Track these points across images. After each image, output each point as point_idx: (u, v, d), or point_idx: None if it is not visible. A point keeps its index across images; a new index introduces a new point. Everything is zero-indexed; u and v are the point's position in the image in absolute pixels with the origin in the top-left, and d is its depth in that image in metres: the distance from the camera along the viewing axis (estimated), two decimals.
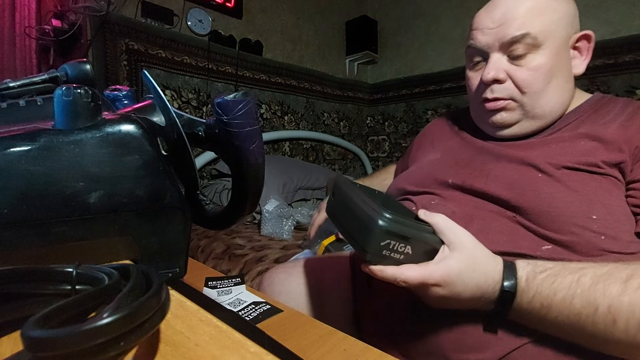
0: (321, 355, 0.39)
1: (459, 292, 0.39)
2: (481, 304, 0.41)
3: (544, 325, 0.39)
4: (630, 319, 0.34)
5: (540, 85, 0.51)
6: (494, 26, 0.52)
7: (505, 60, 0.52)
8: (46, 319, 0.15)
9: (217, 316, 0.22)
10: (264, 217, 1.39)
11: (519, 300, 0.39)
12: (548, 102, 0.52)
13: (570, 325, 0.37)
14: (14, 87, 0.33)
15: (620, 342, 0.35)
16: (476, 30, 0.55)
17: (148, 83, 0.33)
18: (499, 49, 0.52)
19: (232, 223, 0.38)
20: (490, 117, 0.55)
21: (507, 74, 0.52)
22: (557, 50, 0.51)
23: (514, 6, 0.51)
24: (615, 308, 0.34)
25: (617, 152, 0.46)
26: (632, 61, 1.67)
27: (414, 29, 2.49)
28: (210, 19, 1.86)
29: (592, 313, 0.35)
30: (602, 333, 0.35)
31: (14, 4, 1.54)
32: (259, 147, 0.33)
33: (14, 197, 0.24)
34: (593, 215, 0.43)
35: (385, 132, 2.71)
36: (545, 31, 0.50)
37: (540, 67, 0.51)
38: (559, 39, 0.51)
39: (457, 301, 0.40)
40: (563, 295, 0.37)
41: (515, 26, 0.50)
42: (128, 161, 0.27)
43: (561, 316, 0.37)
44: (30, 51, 1.60)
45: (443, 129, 0.71)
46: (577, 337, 0.38)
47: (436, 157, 0.63)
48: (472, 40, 0.55)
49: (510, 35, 0.50)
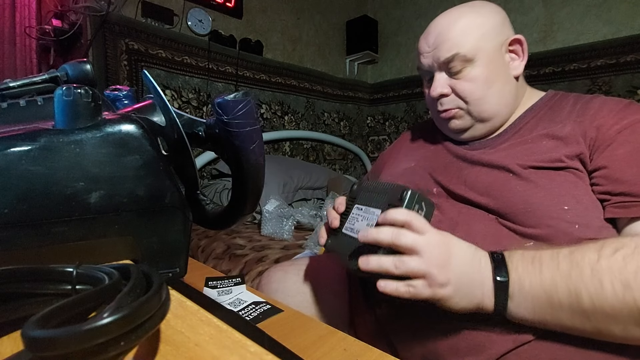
0: (321, 355, 0.39)
1: (450, 259, 0.40)
2: (476, 274, 0.40)
3: (544, 295, 0.39)
4: (614, 280, 0.36)
5: (480, 92, 0.57)
6: (430, 50, 0.59)
7: (446, 76, 0.59)
8: (46, 319, 0.15)
9: (217, 316, 0.22)
10: (264, 217, 1.39)
11: (510, 260, 0.41)
12: (492, 106, 0.58)
13: (568, 291, 0.38)
14: (14, 87, 0.33)
15: (615, 309, 0.36)
16: (419, 54, 0.62)
17: (148, 83, 0.33)
18: (438, 68, 0.59)
19: (232, 223, 0.38)
20: (447, 124, 0.61)
21: (451, 87, 0.59)
22: (490, 60, 0.57)
23: (442, 30, 0.58)
24: (597, 271, 0.37)
25: (575, 145, 0.49)
26: (633, 61, 1.67)
27: (415, 28, 2.49)
28: (210, 19, 1.86)
29: (579, 274, 0.38)
30: (597, 300, 0.36)
31: (14, 3, 1.54)
32: (259, 147, 0.33)
33: (15, 197, 0.24)
34: (565, 206, 0.46)
35: (386, 132, 2.71)
36: (473, 47, 0.56)
37: (476, 77, 0.57)
38: (489, 50, 0.57)
39: (454, 274, 0.40)
40: (549, 259, 0.40)
41: (446, 48, 0.57)
42: (128, 161, 0.27)
43: (554, 277, 0.38)
44: (31, 51, 1.60)
45: (413, 139, 0.74)
46: (578, 315, 0.38)
47: (410, 166, 0.65)
48: (418, 63, 0.63)
49: (443, 57, 0.57)
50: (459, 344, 0.45)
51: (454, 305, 0.40)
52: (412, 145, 0.73)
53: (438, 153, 0.64)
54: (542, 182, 0.48)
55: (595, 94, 0.61)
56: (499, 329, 0.43)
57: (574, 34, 1.83)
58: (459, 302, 0.40)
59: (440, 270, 0.38)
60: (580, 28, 1.83)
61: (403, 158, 0.70)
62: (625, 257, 0.37)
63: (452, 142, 0.64)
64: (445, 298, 0.39)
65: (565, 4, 1.86)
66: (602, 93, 1.75)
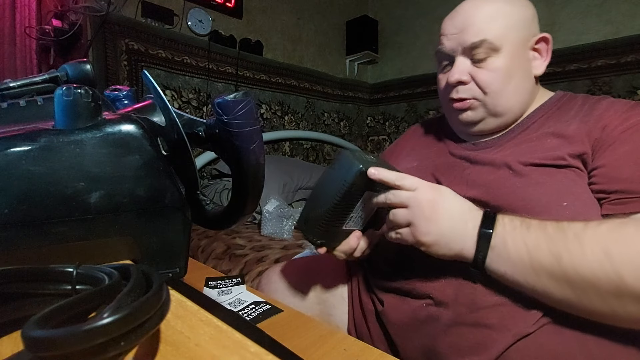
0: (321, 355, 0.39)
1: (436, 199, 0.44)
2: (460, 228, 0.44)
3: (526, 253, 0.40)
4: (595, 246, 0.38)
5: (500, 84, 0.55)
6: (456, 32, 0.57)
7: (468, 63, 0.57)
8: (46, 319, 0.15)
9: (218, 316, 0.22)
10: (264, 217, 1.39)
11: (500, 217, 0.43)
12: (508, 101, 0.56)
13: (549, 252, 0.39)
14: (15, 87, 0.33)
15: (595, 275, 0.37)
16: (442, 35, 0.59)
17: (148, 83, 0.33)
18: (462, 52, 0.57)
19: (232, 223, 0.38)
20: (458, 115, 0.60)
21: (470, 75, 0.57)
22: (515, 53, 0.55)
23: (472, 13, 0.56)
24: (580, 237, 0.39)
25: (579, 145, 0.49)
26: (634, 61, 1.67)
27: (415, 28, 2.49)
28: (210, 19, 1.86)
29: (563, 237, 0.39)
30: (578, 264, 0.38)
31: (14, 4, 1.54)
32: (259, 147, 0.33)
33: (15, 197, 0.24)
34: (564, 203, 0.46)
35: (386, 132, 2.71)
36: (501, 36, 0.54)
37: (499, 68, 0.55)
38: (515, 42, 0.55)
39: (438, 214, 0.44)
40: (538, 222, 0.42)
41: (473, 32, 0.55)
42: (128, 161, 0.27)
43: (539, 237, 0.40)
44: (31, 51, 1.60)
45: (417, 138, 0.73)
46: (559, 280, 0.39)
47: (413, 166, 0.65)
48: (440, 46, 0.60)
49: (469, 41, 0.55)
50: (459, 343, 0.45)
51: (435, 252, 0.45)
52: (416, 144, 0.72)
53: (441, 153, 0.64)
54: (541, 179, 0.49)
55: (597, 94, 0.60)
56: (499, 326, 0.43)
57: (574, 34, 1.83)
58: (438, 250, 0.44)
59: (425, 222, 0.44)
60: (581, 28, 1.82)
61: (405, 157, 0.69)
62: (610, 229, 0.39)
63: (456, 141, 0.64)
64: (426, 245, 0.44)
65: (566, 4, 1.86)
66: (603, 93, 1.75)
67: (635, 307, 0.36)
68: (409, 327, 0.50)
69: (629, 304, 0.36)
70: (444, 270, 0.49)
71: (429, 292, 0.49)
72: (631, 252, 0.36)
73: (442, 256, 0.45)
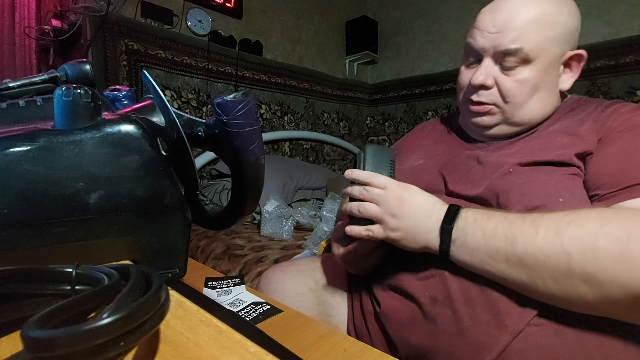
0: (321, 355, 0.39)
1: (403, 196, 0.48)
2: (424, 223, 0.47)
3: (483, 242, 0.43)
4: (548, 228, 0.39)
5: (524, 97, 0.54)
6: (494, 31, 0.53)
7: (496, 67, 0.54)
8: (46, 319, 0.15)
9: (217, 316, 0.22)
10: (263, 218, 1.39)
11: (463, 210, 0.46)
12: (528, 113, 0.55)
13: (505, 238, 0.41)
14: (14, 87, 0.33)
15: (545, 254, 0.39)
16: (477, 30, 0.56)
17: (148, 83, 0.33)
18: (492, 55, 0.54)
19: (232, 223, 0.38)
20: (473, 118, 0.59)
21: (495, 80, 0.55)
22: (547, 67, 0.53)
23: (515, 13, 0.52)
24: (536, 222, 0.41)
25: (588, 144, 0.50)
26: (632, 62, 1.67)
27: (414, 29, 2.49)
28: (210, 19, 1.86)
29: (521, 223, 0.41)
30: (529, 245, 0.40)
31: (13, 4, 1.54)
32: (258, 148, 0.33)
33: (14, 197, 0.24)
34: (560, 199, 0.47)
35: (386, 133, 2.71)
36: (538, 48, 0.51)
37: (526, 80, 0.53)
38: (550, 57, 0.53)
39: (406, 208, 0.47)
40: (500, 213, 0.45)
41: (510, 37, 0.51)
42: (128, 161, 0.27)
43: (497, 226, 0.42)
44: (30, 51, 1.60)
45: (425, 136, 0.73)
46: (513, 263, 0.41)
47: (419, 163, 0.65)
48: (472, 39, 0.57)
49: (504, 47, 0.52)
50: (459, 342, 0.45)
51: (404, 246, 0.48)
52: (424, 141, 0.72)
53: (450, 151, 0.63)
54: (540, 177, 0.49)
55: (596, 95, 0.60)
56: (496, 323, 0.44)
57: None
58: (408, 244, 0.48)
59: (392, 218, 0.47)
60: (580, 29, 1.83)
61: (412, 154, 0.69)
62: (567, 214, 0.40)
63: (466, 140, 0.63)
64: (396, 240, 0.48)
65: None
66: (601, 94, 1.75)
67: (586, 288, 0.37)
68: (408, 326, 0.50)
69: (580, 284, 0.37)
70: (439, 268, 0.49)
71: (426, 291, 0.49)
72: (581, 231, 0.38)
73: (411, 249, 0.48)
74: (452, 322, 0.46)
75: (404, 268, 0.53)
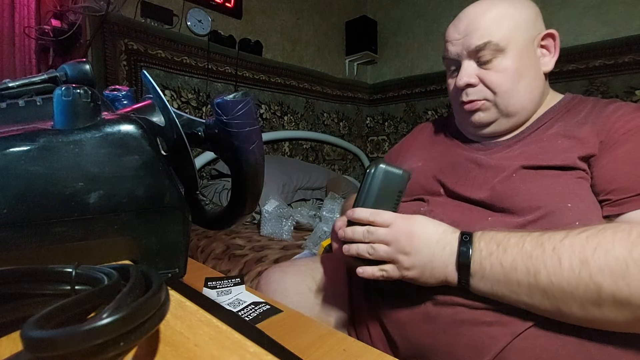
0: (321, 355, 0.39)
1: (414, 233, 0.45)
2: (438, 257, 0.44)
3: (503, 275, 0.41)
4: (572, 257, 0.37)
5: (510, 84, 0.55)
6: (460, 37, 0.57)
7: (475, 66, 0.57)
8: (46, 319, 0.15)
9: (217, 316, 0.22)
10: (263, 218, 1.39)
11: (476, 241, 0.43)
12: (519, 100, 0.56)
13: (526, 270, 0.40)
14: (14, 87, 0.33)
15: (572, 286, 0.37)
16: (447, 42, 0.60)
17: (147, 83, 0.33)
18: (467, 56, 0.57)
19: (231, 223, 0.38)
20: (469, 117, 0.60)
21: (478, 77, 0.57)
22: (522, 52, 0.55)
23: (475, 18, 0.56)
24: (558, 249, 0.39)
25: (590, 147, 0.50)
26: (631, 62, 1.67)
27: (414, 29, 2.49)
28: (209, 19, 1.86)
29: (541, 253, 0.39)
30: (554, 277, 0.38)
31: (13, 4, 1.54)
32: (258, 147, 0.33)
33: (14, 197, 0.24)
34: (568, 204, 0.46)
35: (385, 133, 2.71)
36: (506, 37, 0.54)
37: (507, 68, 0.55)
38: (521, 42, 0.55)
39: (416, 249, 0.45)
40: (516, 240, 0.42)
41: (477, 36, 0.55)
42: (127, 161, 0.27)
43: (515, 258, 0.40)
44: (30, 51, 1.60)
45: (425, 137, 0.74)
46: (537, 293, 0.39)
47: (418, 165, 0.65)
48: (445, 52, 0.61)
49: (474, 45, 0.55)
50: (459, 341, 0.46)
51: (423, 283, 0.46)
52: (423, 143, 0.72)
53: (447, 153, 0.64)
54: (546, 182, 0.49)
55: (594, 95, 0.61)
56: (497, 324, 0.44)
57: (572, 34, 1.84)
58: (427, 281, 0.45)
59: (405, 257, 0.45)
60: (578, 29, 1.83)
61: (411, 157, 0.70)
62: (589, 236, 0.38)
63: (464, 142, 0.64)
64: (413, 279, 0.46)
65: (563, 5, 1.87)
66: (600, 94, 1.75)
67: (615, 313, 0.36)
68: (408, 326, 0.50)
69: (609, 310, 0.36)
70: None
71: (427, 291, 0.49)
72: (608, 258, 0.36)
73: (432, 285, 0.46)
74: (451, 321, 0.46)
75: None
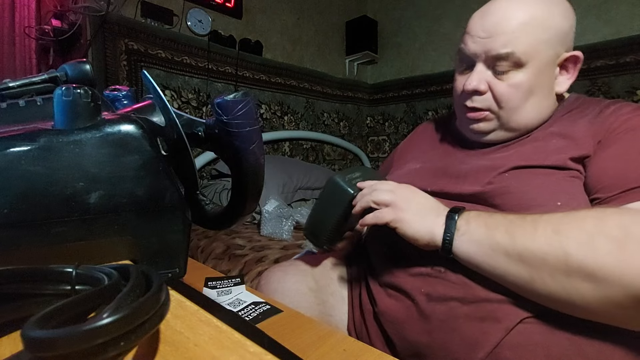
0: (321, 355, 0.39)
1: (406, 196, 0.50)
2: (432, 212, 0.48)
3: (485, 235, 0.43)
4: (547, 226, 0.40)
5: (517, 101, 0.53)
6: (484, 36, 0.53)
7: (488, 72, 0.54)
8: (46, 319, 0.15)
9: (217, 316, 0.22)
10: (263, 218, 1.39)
11: (466, 210, 0.47)
12: (523, 118, 0.54)
13: (505, 232, 0.42)
14: (14, 87, 0.33)
15: (543, 251, 0.39)
16: (468, 35, 0.56)
17: (148, 83, 0.33)
18: (484, 60, 0.54)
19: (231, 223, 0.38)
20: (470, 124, 0.59)
21: (489, 85, 0.54)
22: (540, 70, 0.52)
23: (505, 17, 0.51)
24: (536, 220, 0.41)
25: (584, 147, 0.49)
26: (633, 62, 1.67)
27: (414, 29, 2.49)
28: (210, 19, 1.86)
29: (522, 222, 0.42)
30: (529, 241, 0.40)
31: (13, 4, 1.54)
32: (258, 147, 0.33)
33: (14, 197, 0.24)
34: (558, 202, 0.46)
35: (386, 133, 2.71)
36: (529, 51, 0.50)
37: (520, 84, 0.52)
38: (544, 59, 0.52)
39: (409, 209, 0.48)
40: (501, 213, 0.46)
41: (501, 42, 0.51)
42: (128, 161, 0.27)
43: (499, 221, 0.43)
44: (30, 51, 1.60)
45: (425, 138, 0.73)
46: (513, 259, 0.41)
47: (416, 167, 0.65)
48: (463, 45, 0.57)
49: (495, 52, 0.52)
50: (453, 338, 0.46)
51: (412, 235, 0.47)
52: (423, 144, 0.72)
53: (446, 154, 0.64)
54: (538, 180, 0.49)
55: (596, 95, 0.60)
56: (491, 319, 0.44)
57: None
58: (416, 231, 0.47)
59: (404, 201, 0.49)
60: (580, 29, 1.80)
61: (411, 159, 0.69)
62: (567, 214, 0.41)
63: (464, 142, 0.63)
64: (402, 221, 0.48)
65: None
66: (602, 94, 1.75)
67: (585, 286, 0.37)
68: (404, 324, 0.50)
69: (578, 282, 0.37)
70: (436, 266, 0.49)
71: (422, 288, 0.50)
72: (579, 231, 0.38)
73: (413, 235, 0.47)
74: (446, 318, 0.46)
75: (402, 266, 0.53)
